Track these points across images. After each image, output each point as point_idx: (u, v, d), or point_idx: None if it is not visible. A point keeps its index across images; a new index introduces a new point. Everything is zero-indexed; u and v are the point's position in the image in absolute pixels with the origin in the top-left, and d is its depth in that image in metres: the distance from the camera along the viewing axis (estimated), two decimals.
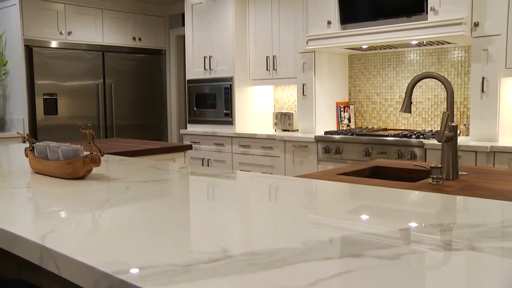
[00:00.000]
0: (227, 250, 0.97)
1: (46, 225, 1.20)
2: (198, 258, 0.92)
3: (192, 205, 1.43)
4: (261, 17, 4.97)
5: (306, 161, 4.31)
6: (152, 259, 0.92)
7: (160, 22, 6.60)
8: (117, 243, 1.04)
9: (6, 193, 1.64)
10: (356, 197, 1.51)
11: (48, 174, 2.00)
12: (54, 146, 2.02)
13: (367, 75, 4.75)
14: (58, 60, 5.54)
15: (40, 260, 1.04)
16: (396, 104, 4.57)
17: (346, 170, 2.16)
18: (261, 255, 0.94)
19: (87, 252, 0.98)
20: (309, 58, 4.51)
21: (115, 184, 1.75)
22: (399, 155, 3.70)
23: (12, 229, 1.16)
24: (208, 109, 5.24)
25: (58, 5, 5.53)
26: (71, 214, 1.30)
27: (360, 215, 1.27)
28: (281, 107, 5.38)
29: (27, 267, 1.78)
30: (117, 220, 1.24)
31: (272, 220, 1.22)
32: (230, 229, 1.15)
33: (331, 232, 1.10)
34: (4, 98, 5.58)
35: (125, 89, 6.20)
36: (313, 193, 1.62)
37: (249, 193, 1.63)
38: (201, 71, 5.31)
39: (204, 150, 5.22)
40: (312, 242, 1.02)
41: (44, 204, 1.45)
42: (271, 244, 1.01)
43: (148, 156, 3.31)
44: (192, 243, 1.03)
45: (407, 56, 4.45)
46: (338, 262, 0.89)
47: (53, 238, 1.08)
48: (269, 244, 1.01)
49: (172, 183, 1.80)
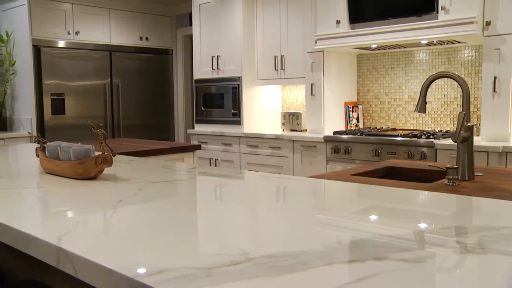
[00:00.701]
0: (248, 253, 0.95)
1: (61, 226, 1.18)
2: (218, 261, 0.91)
3: (206, 206, 1.41)
4: (269, 17, 4.95)
5: (314, 161, 4.29)
6: (172, 262, 0.91)
7: (167, 21, 6.59)
8: (134, 245, 1.02)
9: (19, 194, 1.63)
10: (371, 198, 1.49)
11: (60, 174, 1.99)
12: (65, 146, 2.01)
13: (376, 75, 4.72)
14: (66, 60, 5.54)
15: (56, 262, 1.03)
16: (405, 104, 4.54)
17: (359, 170, 2.13)
18: (282, 258, 0.92)
19: (104, 254, 0.96)
20: (318, 58, 4.49)
21: (127, 185, 1.74)
22: (409, 155, 3.67)
23: (28, 230, 1.15)
24: (215, 109, 5.22)
25: (66, 5, 5.53)
26: (86, 215, 1.29)
27: (377, 216, 1.25)
28: (289, 107, 5.36)
29: (39, 267, 1.77)
30: (133, 221, 1.22)
31: (288, 222, 1.20)
32: (247, 231, 1.13)
33: (350, 234, 1.08)
34: (12, 98, 5.59)
35: (132, 89, 6.20)
36: (327, 194, 1.60)
37: (262, 194, 1.62)
38: (209, 70, 5.29)
39: (212, 150, 5.20)
40: (332, 245, 1.00)
41: (58, 204, 1.44)
42: (290, 246, 0.99)
43: (157, 156, 3.30)
44: (211, 245, 1.01)
45: (416, 56, 4.42)
46: (362, 266, 0.87)
47: (69, 239, 1.07)
48: (288, 247, 0.99)
49: (184, 184, 1.79)
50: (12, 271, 1.87)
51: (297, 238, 1.06)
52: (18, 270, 1.85)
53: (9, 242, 1.21)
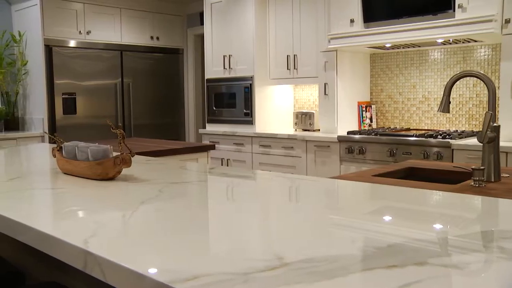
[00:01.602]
0: (282, 257, 0.92)
1: (86, 228, 1.16)
2: (253, 265, 0.88)
3: (231, 208, 1.39)
4: (281, 16, 4.92)
5: (328, 161, 4.25)
6: (206, 266, 0.88)
7: (178, 21, 6.58)
8: (164, 249, 0.99)
9: (39, 194, 1.61)
10: (398, 200, 1.45)
11: (77, 175, 1.97)
12: (83, 146, 1.99)
13: (389, 74, 4.68)
14: (77, 59, 5.53)
15: (83, 265, 1.01)
16: (419, 103, 4.49)
17: (380, 171, 2.10)
18: (320, 263, 0.89)
19: (134, 258, 0.94)
20: (331, 57, 4.45)
21: (147, 186, 1.71)
22: (424, 156, 3.62)
23: (53, 232, 1.13)
24: (227, 109, 5.20)
25: (77, 4, 5.53)
26: (109, 217, 1.27)
27: (408, 220, 1.21)
28: (301, 106, 5.32)
29: (58, 269, 1.76)
30: (158, 224, 1.20)
31: (317, 224, 1.17)
32: (277, 234, 1.10)
33: (384, 238, 1.04)
34: (24, 97, 5.59)
35: (143, 89, 6.18)
36: (352, 195, 1.56)
37: (285, 195, 1.59)
38: (220, 70, 5.27)
39: (224, 150, 5.18)
40: (368, 248, 0.97)
41: (80, 206, 1.42)
42: (325, 250, 0.96)
43: (171, 156, 3.28)
44: (243, 249, 0.98)
45: (430, 55, 4.37)
46: (404, 271, 0.84)
47: (95, 242, 1.04)
48: (323, 250, 0.96)
49: (205, 185, 1.76)
50: (31, 273, 1.86)
51: (330, 241, 1.03)
52: (37, 271, 1.83)
53: (34, 244, 1.19)
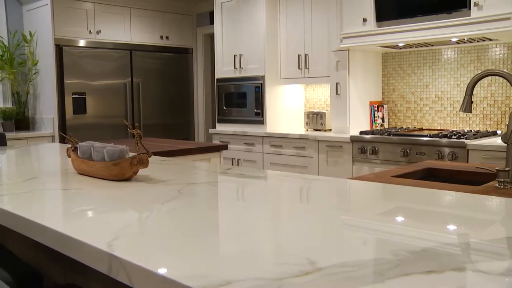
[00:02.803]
0: (314, 262, 0.89)
1: (108, 230, 1.14)
2: (286, 270, 0.85)
3: (254, 210, 1.36)
4: (293, 15, 4.89)
5: (340, 161, 4.22)
6: (236, 271, 0.85)
7: (187, 20, 6.56)
8: (191, 253, 0.97)
9: (56, 195, 1.59)
10: (423, 202, 1.42)
11: (93, 175, 1.95)
12: (98, 147, 1.97)
13: (402, 74, 4.64)
14: (87, 59, 5.53)
15: (108, 269, 0.98)
16: (431, 103, 4.44)
17: (399, 172, 2.07)
18: (353, 267, 0.86)
19: (161, 263, 0.91)
20: (343, 57, 4.41)
21: (165, 187, 1.69)
22: (439, 156, 3.58)
23: (74, 234, 1.10)
24: (237, 108, 5.17)
25: (87, 4, 5.53)
26: (131, 219, 1.24)
27: (437, 223, 1.18)
28: (312, 106, 5.29)
29: (73, 270, 1.74)
30: (181, 226, 1.17)
31: (343, 226, 1.14)
32: (305, 237, 1.07)
33: (416, 242, 1.01)
34: (34, 97, 5.60)
35: (153, 88, 6.17)
36: (375, 197, 1.53)
37: (307, 196, 1.56)
38: (231, 69, 5.25)
39: (234, 150, 5.16)
40: (401, 252, 0.94)
41: (99, 207, 1.39)
42: (356, 254, 0.93)
43: (183, 156, 3.25)
44: (271, 253, 0.96)
45: (444, 54, 4.32)
46: (442, 277, 0.81)
47: (120, 245, 1.02)
48: (354, 254, 0.93)
49: (223, 186, 1.73)
50: (48, 274, 1.84)
51: (359, 245, 1.00)
52: (54, 272, 1.82)
53: (54, 246, 1.16)
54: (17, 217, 1.33)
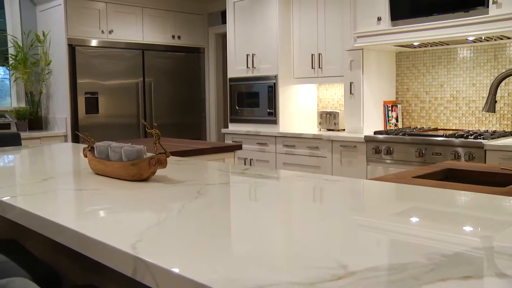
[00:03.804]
0: (346, 265, 0.87)
1: (131, 232, 1.12)
2: (318, 274, 0.83)
3: (276, 211, 1.34)
4: (306, 14, 4.86)
5: (354, 161, 4.19)
6: (267, 275, 0.83)
7: (199, 20, 6.55)
8: (218, 255, 0.95)
9: (75, 196, 1.58)
10: (450, 204, 1.39)
11: (110, 176, 1.94)
12: (115, 147, 1.96)
13: (416, 73, 4.59)
14: (99, 59, 5.54)
15: (133, 272, 0.97)
16: (446, 103, 4.39)
17: (419, 173, 2.03)
18: (387, 272, 0.84)
19: (189, 266, 0.89)
20: (357, 56, 4.38)
21: (184, 187, 1.67)
22: (455, 156, 3.54)
23: (97, 236, 1.09)
24: (250, 108, 5.15)
25: (100, 4, 5.53)
26: (153, 220, 1.23)
27: (465, 225, 1.15)
28: (324, 106, 5.25)
29: (92, 270, 1.73)
30: (205, 227, 1.15)
31: (371, 228, 1.12)
32: (332, 239, 1.05)
33: (448, 245, 0.99)
34: (47, 97, 5.61)
35: (164, 88, 6.17)
36: (399, 199, 1.50)
37: (329, 197, 1.53)
38: (243, 69, 5.23)
39: (247, 150, 5.14)
40: (435, 256, 0.91)
41: (120, 209, 1.38)
42: (387, 257, 0.91)
43: (197, 156, 3.24)
44: (300, 256, 0.93)
45: (459, 53, 4.27)
46: (481, 283, 0.78)
47: (144, 248, 1.00)
48: (385, 258, 0.91)
49: (243, 187, 1.71)
50: (66, 274, 1.83)
51: (389, 247, 0.97)
52: (73, 273, 1.81)
53: (76, 247, 1.15)
54: (37, 217, 1.32)
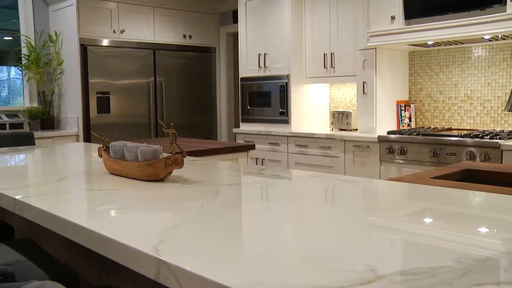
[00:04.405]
0: (375, 269, 0.85)
1: (152, 234, 1.11)
2: (347, 278, 0.81)
3: (297, 212, 1.32)
4: (318, 13, 4.83)
5: (367, 161, 4.15)
6: (296, 278, 0.81)
7: (210, 19, 6.54)
8: (243, 258, 0.93)
9: (92, 196, 1.57)
10: (474, 206, 1.36)
11: (126, 175, 1.93)
12: (131, 146, 1.95)
13: (429, 73, 4.55)
14: (111, 58, 5.54)
15: (156, 275, 0.95)
16: (460, 102, 4.35)
17: (437, 173, 2.00)
18: (418, 276, 0.81)
19: (213, 269, 0.87)
20: (370, 55, 4.34)
21: (201, 188, 1.66)
22: (470, 157, 3.49)
23: (119, 238, 1.07)
24: (262, 108, 5.13)
25: (111, 3, 5.54)
26: (173, 222, 1.21)
27: (499, 229, 1.12)
28: (336, 105, 5.22)
29: (109, 270, 1.72)
30: (226, 229, 1.14)
31: (396, 232, 1.09)
32: (356, 241, 1.03)
33: (478, 250, 0.96)
34: (59, 96, 5.63)
35: (176, 87, 6.17)
36: (421, 200, 1.47)
37: (351, 198, 1.51)
38: (255, 68, 5.21)
39: (259, 150, 5.12)
40: (466, 260, 0.89)
41: (138, 209, 1.37)
42: (417, 261, 0.89)
43: (211, 156, 3.23)
44: (326, 258, 0.91)
45: (474, 52, 4.22)
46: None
47: (166, 250, 0.99)
48: (414, 261, 0.88)
49: (260, 188, 1.69)
50: (83, 275, 1.82)
51: (419, 250, 0.95)
52: (89, 273, 1.80)
53: (95, 248, 1.14)
54: (56, 217, 1.31)
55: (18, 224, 2.25)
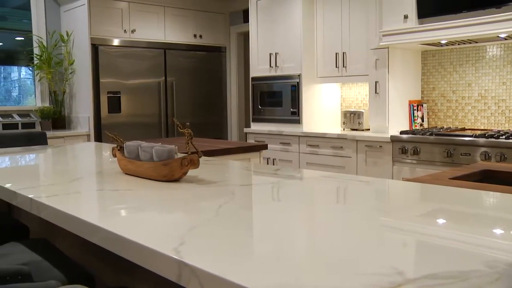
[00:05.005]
0: (402, 272, 0.83)
1: (171, 235, 1.09)
2: (375, 281, 0.79)
3: (318, 214, 1.30)
4: (330, 12, 4.80)
5: (380, 162, 4.12)
6: (322, 282, 0.79)
7: (220, 19, 6.53)
8: (265, 260, 0.91)
9: (109, 196, 1.56)
10: (499, 208, 1.34)
11: (140, 176, 1.92)
12: (146, 146, 1.94)
13: (442, 72, 4.50)
14: (122, 58, 5.55)
15: (177, 277, 0.94)
16: (474, 102, 4.30)
17: (455, 174, 1.97)
18: (448, 280, 0.79)
19: (236, 271, 0.86)
20: (383, 55, 4.31)
21: (218, 188, 1.64)
22: (485, 157, 3.45)
23: (138, 239, 1.06)
24: (273, 108, 5.11)
25: (122, 3, 5.54)
26: (192, 223, 1.20)
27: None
28: (348, 105, 5.19)
29: (124, 271, 1.71)
30: (246, 230, 1.12)
31: (422, 234, 1.07)
32: (378, 243, 1.01)
33: (509, 254, 0.94)
34: (70, 96, 5.65)
35: (186, 87, 6.16)
36: (442, 201, 1.45)
37: (370, 199, 1.48)
38: (266, 68, 5.19)
39: (270, 150, 5.10)
40: (497, 265, 0.86)
41: (155, 210, 1.35)
42: (446, 264, 0.86)
43: (223, 156, 3.21)
44: (354, 261, 0.89)
45: (488, 51, 4.18)
46: None
47: (187, 251, 0.97)
48: (444, 265, 0.86)
49: (277, 188, 1.67)
50: (99, 275, 1.81)
51: (445, 253, 0.93)
52: (104, 274, 1.79)
53: (113, 249, 1.12)
54: (74, 218, 1.30)
55: (33, 224, 2.25)
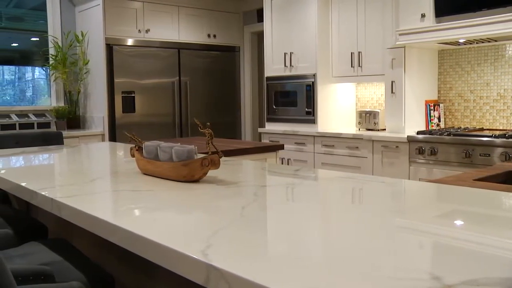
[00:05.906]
0: (440, 277, 0.80)
1: (198, 237, 1.07)
2: (411, 287, 0.76)
3: (346, 214, 1.27)
4: (345, 11, 4.76)
5: (396, 162, 4.08)
6: (357, 286, 0.77)
7: (234, 18, 6.52)
8: (293, 263, 0.89)
9: (130, 197, 1.55)
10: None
11: (159, 176, 1.91)
12: (165, 147, 1.93)
13: (459, 72, 4.44)
14: (136, 58, 5.56)
15: (205, 280, 0.92)
16: (493, 102, 4.24)
17: (480, 175, 1.94)
18: (490, 286, 0.76)
19: (265, 275, 0.84)
20: (399, 54, 4.26)
21: (239, 189, 1.62)
22: (506, 158, 3.40)
23: (165, 242, 1.05)
24: (288, 107, 5.09)
25: (136, 3, 5.55)
26: (217, 225, 1.18)
27: None
28: (363, 105, 5.15)
29: (143, 272, 1.69)
30: (272, 233, 1.10)
31: (453, 239, 1.04)
32: (412, 246, 0.98)
33: None
34: (85, 96, 5.67)
35: (200, 87, 6.16)
36: (473, 204, 1.42)
37: (395, 200, 1.46)
38: (281, 68, 5.16)
39: (284, 150, 5.06)
40: None
41: (179, 211, 1.34)
42: (484, 270, 0.84)
43: (239, 156, 3.20)
44: (387, 266, 0.87)
45: (508, 50, 4.11)
46: None
47: (215, 254, 0.95)
48: (482, 270, 0.83)
49: (299, 189, 1.65)
50: (117, 276, 1.80)
51: (481, 259, 0.90)
52: (123, 275, 1.78)
53: (139, 252, 1.11)
54: (96, 218, 1.29)
55: (51, 223, 2.25)
